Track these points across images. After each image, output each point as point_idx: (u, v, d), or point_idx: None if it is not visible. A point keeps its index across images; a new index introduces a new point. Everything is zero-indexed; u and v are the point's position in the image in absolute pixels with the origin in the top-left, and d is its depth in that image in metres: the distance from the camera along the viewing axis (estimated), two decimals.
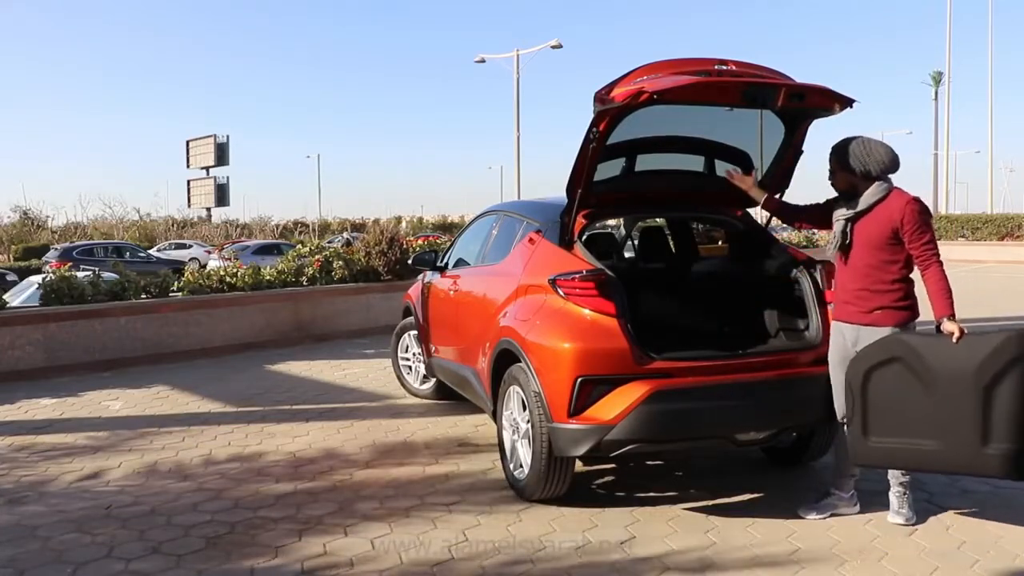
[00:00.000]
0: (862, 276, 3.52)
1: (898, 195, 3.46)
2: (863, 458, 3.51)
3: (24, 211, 43.59)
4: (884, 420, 3.37)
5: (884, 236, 3.44)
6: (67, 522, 3.83)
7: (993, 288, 15.72)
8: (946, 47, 37.10)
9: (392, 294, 9.98)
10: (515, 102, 33.19)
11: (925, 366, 3.24)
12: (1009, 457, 3.14)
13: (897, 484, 3.67)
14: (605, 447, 3.61)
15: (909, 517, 3.65)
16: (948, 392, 3.20)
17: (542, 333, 3.84)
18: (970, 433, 3.17)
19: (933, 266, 3.40)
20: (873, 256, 3.48)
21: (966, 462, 3.25)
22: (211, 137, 47.11)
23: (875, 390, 3.37)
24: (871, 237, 3.47)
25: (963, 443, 3.20)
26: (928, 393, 3.25)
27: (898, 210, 3.41)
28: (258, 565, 3.34)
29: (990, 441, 3.15)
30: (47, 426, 5.73)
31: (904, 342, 3.34)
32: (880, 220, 3.45)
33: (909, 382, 3.29)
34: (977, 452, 3.18)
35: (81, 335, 7.82)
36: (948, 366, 3.20)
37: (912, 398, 3.29)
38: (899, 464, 3.49)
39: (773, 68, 3.75)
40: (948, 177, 41.92)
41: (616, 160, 4.20)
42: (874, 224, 3.47)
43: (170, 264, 23.41)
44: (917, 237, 3.39)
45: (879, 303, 3.47)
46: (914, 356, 3.27)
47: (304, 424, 5.66)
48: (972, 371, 3.14)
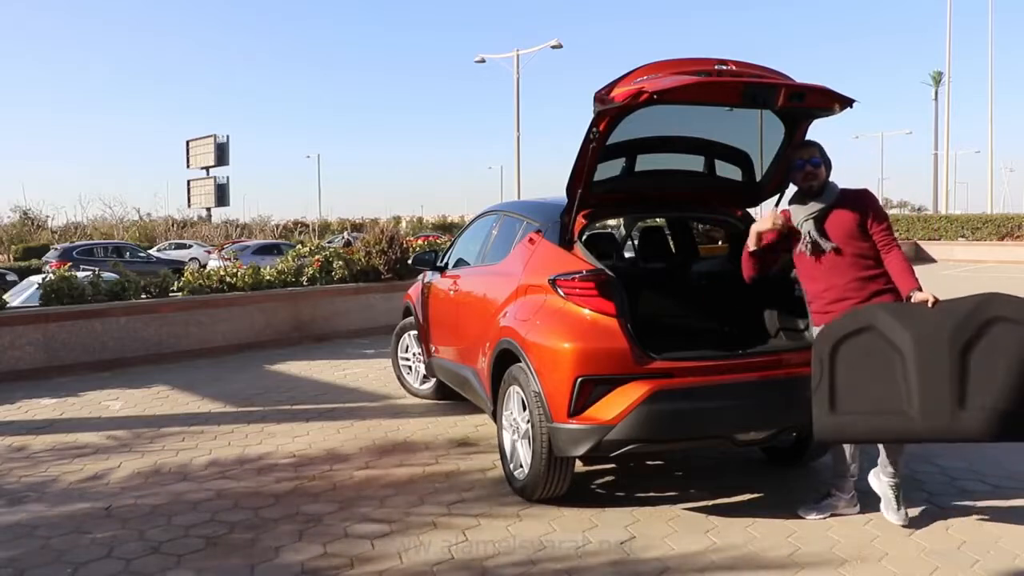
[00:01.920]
0: (849, 267, 3.57)
1: (851, 189, 3.69)
2: (828, 433, 3.40)
3: (24, 211, 43.61)
4: (853, 393, 3.31)
5: (858, 225, 3.57)
6: (67, 522, 3.83)
7: (993, 288, 15.70)
8: (946, 47, 37.19)
9: (392, 294, 9.99)
10: (515, 102, 33.24)
11: (899, 333, 3.24)
12: (986, 418, 3.16)
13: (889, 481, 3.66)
14: (605, 447, 3.61)
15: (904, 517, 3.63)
16: (923, 358, 3.20)
17: (542, 333, 3.84)
18: (945, 397, 3.18)
19: (895, 248, 3.57)
20: (856, 246, 3.57)
21: (941, 427, 3.23)
22: (211, 137, 47.15)
23: (844, 362, 3.32)
24: (848, 228, 3.58)
25: (938, 408, 3.20)
26: (901, 361, 3.24)
27: (862, 200, 3.62)
28: (258, 565, 3.34)
29: (966, 404, 3.17)
30: (47, 426, 5.73)
31: (876, 312, 3.35)
32: (850, 211, 3.59)
33: (881, 351, 3.27)
34: (954, 416, 3.19)
35: (81, 335, 7.82)
36: (923, 331, 3.22)
37: (883, 368, 3.27)
38: (865, 437, 3.44)
39: (773, 68, 3.76)
40: (948, 177, 41.98)
41: (616, 160, 4.20)
42: (845, 216, 3.59)
43: (170, 264, 23.40)
44: (879, 222, 3.58)
45: (875, 288, 3.54)
46: (887, 324, 3.27)
47: (304, 424, 5.66)
48: (948, 335, 3.17)
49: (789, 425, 3.87)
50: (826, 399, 3.36)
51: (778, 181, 4.40)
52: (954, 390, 3.17)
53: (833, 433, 3.41)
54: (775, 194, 4.49)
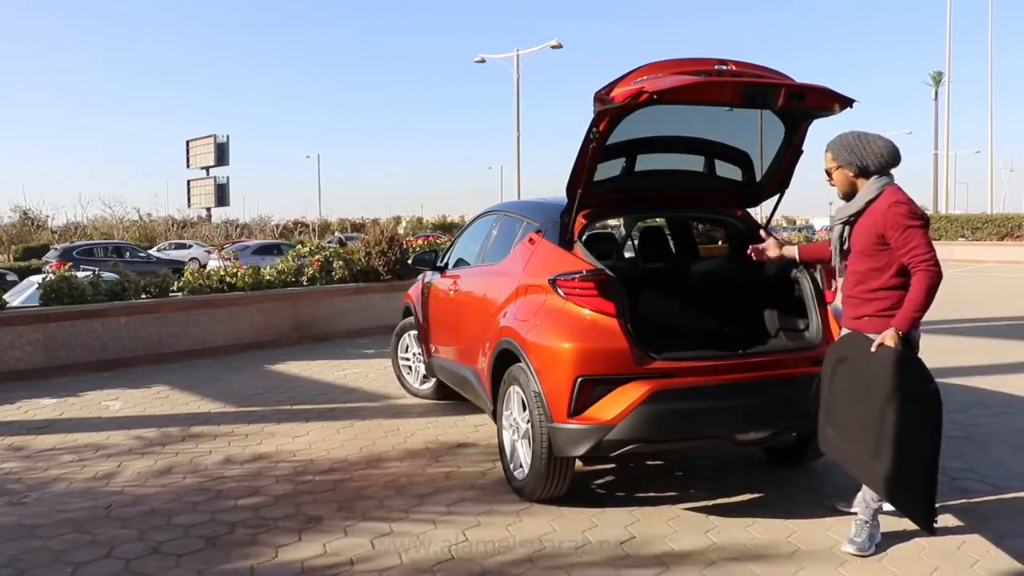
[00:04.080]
0: (851, 284, 3.34)
1: (887, 195, 3.18)
2: (823, 445, 3.46)
3: (24, 211, 43.58)
4: (837, 413, 3.33)
5: (870, 242, 3.20)
6: (67, 522, 3.83)
7: (993, 288, 15.72)
8: (946, 47, 37.16)
9: (392, 294, 9.99)
10: (515, 102, 33.21)
11: (857, 370, 3.19)
12: (884, 478, 3.04)
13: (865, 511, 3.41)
14: (605, 447, 3.61)
15: (862, 546, 3.36)
16: (867, 399, 3.12)
17: (542, 333, 3.84)
18: (869, 445, 3.10)
19: (919, 272, 3.07)
20: (861, 263, 3.27)
21: (863, 474, 3.20)
22: (211, 137, 47.16)
23: (836, 383, 3.33)
24: (859, 243, 3.27)
25: (865, 454, 3.14)
26: (859, 398, 3.18)
27: (881, 213, 3.15)
28: (258, 565, 3.34)
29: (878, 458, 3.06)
30: (47, 426, 5.73)
31: (847, 343, 3.31)
32: (866, 225, 3.22)
33: (852, 382, 3.23)
34: (869, 466, 3.11)
35: (81, 335, 7.82)
36: (865, 375, 3.13)
37: (852, 398, 3.23)
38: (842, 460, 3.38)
39: (773, 68, 3.75)
40: (948, 177, 41.98)
41: (616, 160, 4.20)
42: (861, 229, 3.26)
43: (170, 264, 23.40)
44: (903, 241, 3.09)
45: (864, 311, 3.27)
46: (854, 357, 3.22)
47: (304, 424, 5.66)
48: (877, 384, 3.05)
49: (789, 425, 3.87)
50: (824, 412, 3.42)
51: (778, 181, 4.41)
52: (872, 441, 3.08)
53: (826, 447, 3.47)
54: (775, 194, 4.49)
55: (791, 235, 21.39)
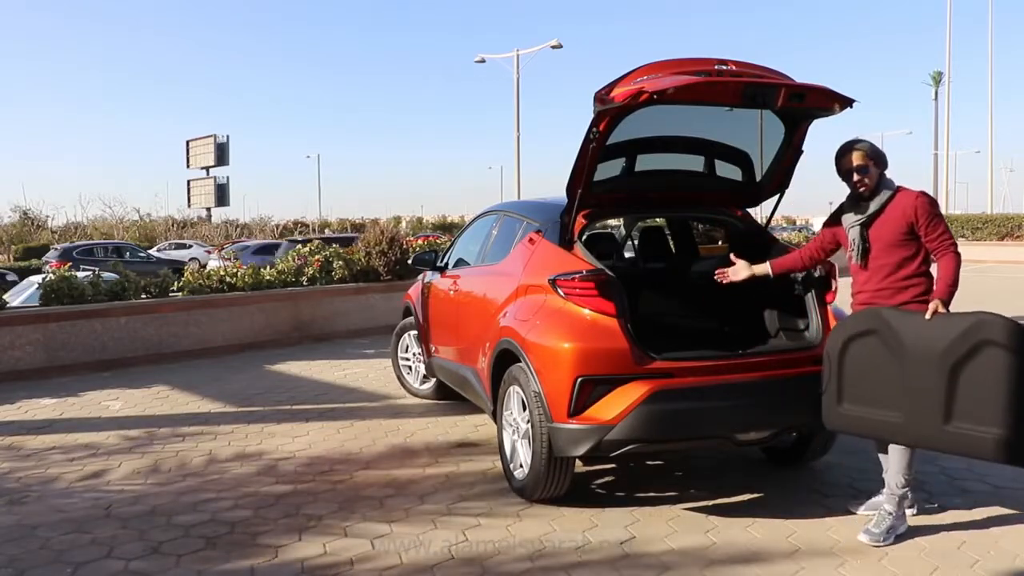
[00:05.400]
0: (881, 276, 3.53)
1: (907, 192, 3.51)
2: (834, 424, 3.57)
3: (24, 211, 43.56)
4: (856, 389, 3.43)
5: (900, 233, 3.47)
6: (67, 522, 3.83)
7: (993, 288, 15.71)
8: (946, 47, 37.15)
9: (392, 294, 9.99)
10: (515, 102, 33.22)
11: (898, 341, 3.29)
12: (968, 438, 3.14)
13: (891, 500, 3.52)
14: (605, 447, 3.61)
15: (877, 538, 3.46)
16: (917, 368, 3.24)
17: (542, 333, 3.84)
18: (933, 409, 3.20)
19: (946, 255, 3.43)
20: (891, 255, 3.50)
21: (927, 437, 3.27)
22: (211, 137, 47.11)
23: (851, 360, 3.44)
24: (886, 237, 3.50)
25: (926, 419, 3.23)
26: (899, 367, 3.29)
27: (911, 206, 3.45)
28: (258, 565, 3.34)
29: (951, 420, 3.17)
30: (47, 426, 5.73)
31: (881, 316, 3.39)
32: (894, 218, 3.48)
33: (883, 355, 3.35)
34: (939, 429, 3.20)
35: (81, 335, 7.82)
36: (918, 343, 3.25)
37: (884, 370, 3.35)
38: (866, 432, 3.52)
39: (773, 68, 3.75)
40: (948, 177, 41.91)
41: (616, 160, 4.20)
42: (888, 224, 3.50)
43: (170, 264, 23.37)
44: (932, 229, 3.44)
45: (901, 299, 3.48)
46: (888, 330, 3.33)
47: (304, 424, 5.66)
48: (940, 350, 3.18)
49: (789, 425, 3.87)
50: (834, 392, 3.50)
51: (778, 181, 4.41)
52: (940, 405, 3.18)
53: (839, 424, 3.55)
54: (775, 194, 4.50)
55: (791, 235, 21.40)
